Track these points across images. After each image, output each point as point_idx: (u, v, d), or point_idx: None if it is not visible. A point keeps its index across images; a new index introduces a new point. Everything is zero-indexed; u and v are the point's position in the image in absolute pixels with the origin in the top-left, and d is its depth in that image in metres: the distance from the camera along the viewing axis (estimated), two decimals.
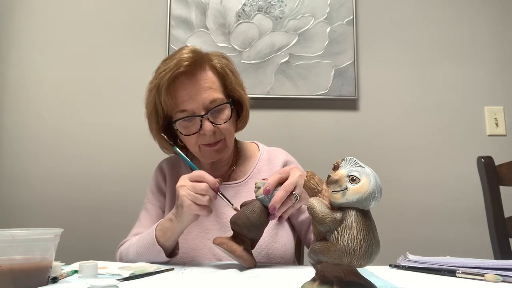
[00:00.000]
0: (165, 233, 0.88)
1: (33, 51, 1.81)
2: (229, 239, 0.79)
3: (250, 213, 0.79)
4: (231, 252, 0.77)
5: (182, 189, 0.84)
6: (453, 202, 1.77)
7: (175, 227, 0.87)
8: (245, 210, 0.80)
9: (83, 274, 0.70)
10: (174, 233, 0.88)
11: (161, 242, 0.88)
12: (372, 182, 0.50)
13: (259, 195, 0.80)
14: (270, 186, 0.79)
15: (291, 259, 1.00)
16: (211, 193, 0.83)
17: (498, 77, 1.87)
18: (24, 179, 1.73)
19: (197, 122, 0.95)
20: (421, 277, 0.70)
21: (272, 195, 0.79)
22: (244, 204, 0.83)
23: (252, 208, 0.79)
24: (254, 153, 1.13)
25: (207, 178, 0.84)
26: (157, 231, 0.89)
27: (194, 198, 0.82)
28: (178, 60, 0.94)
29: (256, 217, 0.78)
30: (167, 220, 0.89)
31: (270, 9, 1.84)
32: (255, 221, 0.78)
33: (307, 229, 1.05)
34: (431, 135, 1.83)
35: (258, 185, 0.82)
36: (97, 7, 1.85)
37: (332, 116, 1.83)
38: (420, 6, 1.91)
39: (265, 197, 0.79)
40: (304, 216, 1.04)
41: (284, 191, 0.79)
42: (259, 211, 0.79)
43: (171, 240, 0.89)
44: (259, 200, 0.80)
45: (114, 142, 1.77)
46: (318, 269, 0.54)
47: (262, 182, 0.82)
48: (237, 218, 0.79)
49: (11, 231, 0.58)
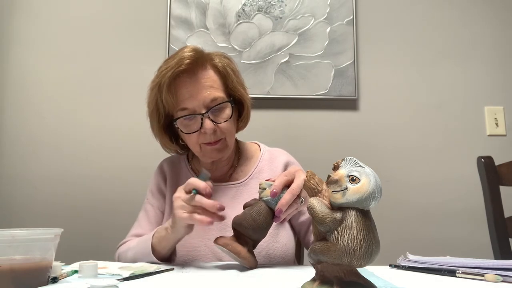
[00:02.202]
0: (161, 242, 0.89)
1: (33, 51, 1.81)
2: (233, 240, 0.78)
3: (257, 214, 0.78)
4: (235, 253, 0.77)
5: (177, 201, 0.84)
6: (453, 202, 1.77)
7: (169, 237, 0.88)
8: (250, 212, 0.78)
9: (83, 274, 0.71)
10: (169, 243, 0.89)
11: (157, 250, 0.89)
12: (372, 182, 0.50)
13: (264, 197, 0.79)
14: (278, 188, 0.78)
15: (292, 259, 1.00)
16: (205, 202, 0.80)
17: (498, 77, 1.87)
18: (24, 179, 1.73)
19: (198, 120, 0.95)
20: (421, 277, 0.70)
21: (279, 198, 0.78)
22: (247, 204, 0.82)
23: (258, 210, 0.78)
24: (255, 153, 1.12)
25: (198, 184, 0.83)
26: (154, 238, 0.90)
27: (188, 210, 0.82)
28: (180, 59, 0.94)
29: (262, 219, 0.78)
30: (163, 229, 0.89)
31: (270, 9, 1.84)
32: (261, 223, 0.78)
33: (306, 230, 1.05)
34: (431, 135, 1.83)
35: (263, 186, 0.80)
36: (97, 7, 1.85)
37: (332, 116, 1.83)
38: (420, 6, 1.91)
39: (271, 199, 0.78)
40: (304, 217, 1.04)
41: (291, 194, 0.78)
42: (265, 213, 0.78)
43: (167, 249, 0.90)
44: (264, 201, 0.79)
45: (114, 142, 1.77)
46: (318, 269, 0.54)
47: (268, 183, 0.81)
48: (242, 220, 0.78)
49: (11, 231, 0.58)
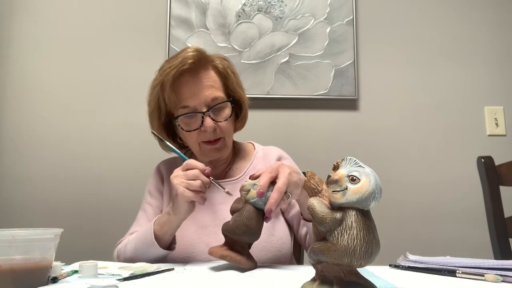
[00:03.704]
0: (163, 227, 0.90)
1: (33, 51, 1.81)
2: (228, 250, 0.77)
3: (248, 220, 0.75)
4: (236, 263, 0.76)
5: (175, 178, 0.87)
6: (453, 202, 1.77)
7: (172, 220, 0.89)
8: (241, 218, 0.76)
9: (83, 274, 0.71)
10: (171, 227, 0.90)
11: (159, 236, 0.90)
12: (372, 182, 0.50)
13: (250, 198, 0.77)
14: (264, 188, 0.77)
15: (289, 252, 1.01)
16: (203, 178, 0.85)
17: (498, 77, 1.87)
18: (24, 179, 1.73)
19: (199, 118, 0.98)
20: (421, 277, 0.70)
21: (266, 197, 0.77)
22: (235, 209, 0.78)
23: (248, 215, 0.76)
24: (250, 151, 1.16)
25: (197, 164, 0.87)
26: (155, 225, 0.91)
27: (187, 184, 0.85)
28: (183, 58, 0.97)
29: (255, 223, 0.76)
30: (165, 214, 0.91)
31: (270, 9, 1.84)
32: (254, 227, 0.76)
33: (298, 223, 1.05)
34: (431, 135, 1.83)
35: (247, 187, 0.78)
36: (97, 7, 1.85)
37: (332, 116, 1.83)
38: (420, 6, 1.91)
39: (258, 199, 0.77)
40: (295, 210, 1.05)
41: (279, 192, 0.77)
42: (256, 216, 0.76)
43: (168, 234, 0.91)
44: (251, 203, 0.77)
45: (114, 142, 1.77)
46: (318, 269, 0.54)
47: (250, 183, 0.78)
48: (235, 228, 0.75)
49: (11, 231, 0.58)
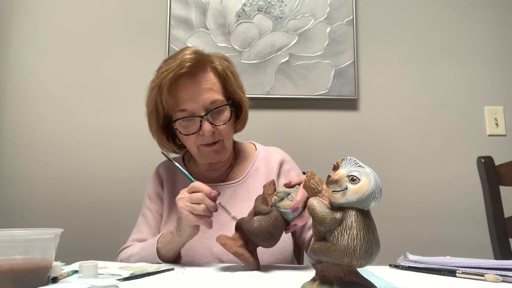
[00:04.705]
0: (166, 246, 0.89)
1: (33, 51, 1.81)
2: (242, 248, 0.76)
3: (274, 228, 0.75)
4: (245, 263, 0.76)
5: (180, 201, 0.84)
6: (453, 202, 1.77)
7: (175, 240, 0.88)
8: (267, 224, 0.75)
9: (83, 274, 0.70)
10: (174, 247, 0.89)
11: (162, 254, 0.89)
12: (372, 182, 0.50)
13: (282, 207, 0.77)
14: (299, 204, 0.76)
15: (290, 255, 1.00)
16: (208, 202, 0.82)
17: (498, 77, 1.87)
18: (24, 179, 1.73)
19: (197, 122, 0.96)
20: (421, 277, 0.70)
21: (299, 213, 0.77)
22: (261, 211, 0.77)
23: (275, 223, 0.76)
24: (251, 152, 1.14)
25: (202, 187, 0.84)
26: (158, 243, 0.90)
27: (191, 208, 0.82)
28: (181, 61, 0.94)
29: (278, 232, 0.77)
30: (169, 233, 0.89)
31: (270, 9, 1.84)
32: (277, 236, 0.77)
33: (301, 229, 1.05)
34: (431, 135, 1.83)
35: (281, 195, 0.77)
36: (97, 7, 1.85)
37: (332, 116, 1.83)
38: (420, 6, 1.90)
39: (290, 212, 0.76)
40: None
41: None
42: (281, 225, 0.77)
43: (172, 253, 0.90)
44: (281, 212, 0.77)
45: (114, 142, 1.77)
46: (318, 269, 0.54)
47: (285, 192, 0.78)
48: (259, 232, 0.75)
49: (11, 231, 0.58)
